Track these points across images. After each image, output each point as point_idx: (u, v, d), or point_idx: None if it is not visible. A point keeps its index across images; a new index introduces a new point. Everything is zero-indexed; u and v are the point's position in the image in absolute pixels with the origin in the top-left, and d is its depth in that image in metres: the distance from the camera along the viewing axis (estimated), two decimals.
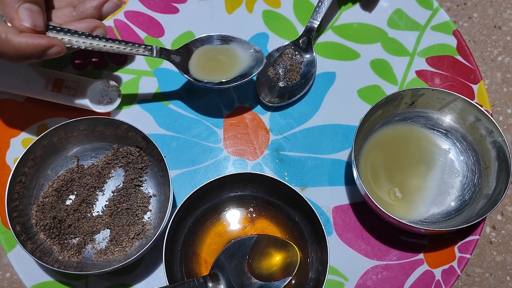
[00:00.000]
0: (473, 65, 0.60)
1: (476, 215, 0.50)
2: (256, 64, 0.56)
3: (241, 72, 0.56)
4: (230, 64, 0.56)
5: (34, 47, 0.43)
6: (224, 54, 0.57)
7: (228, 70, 0.56)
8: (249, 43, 0.56)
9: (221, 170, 0.57)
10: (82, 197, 0.53)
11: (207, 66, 0.56)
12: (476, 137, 0.54)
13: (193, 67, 0.56)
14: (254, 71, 0.55)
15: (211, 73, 0.56)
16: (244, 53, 0.57)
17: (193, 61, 0.56)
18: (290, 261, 0.50)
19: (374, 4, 0.64)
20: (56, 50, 0.45)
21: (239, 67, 0.56)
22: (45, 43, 0.44)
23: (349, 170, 0.57)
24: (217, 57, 0.56)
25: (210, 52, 0.57)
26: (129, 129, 0.52)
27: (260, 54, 0.56)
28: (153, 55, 0.53)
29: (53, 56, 0.45)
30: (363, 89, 0.60)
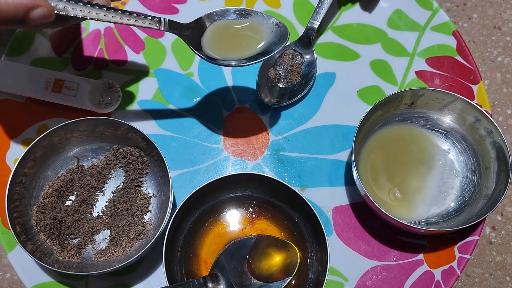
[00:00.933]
0: (472, 65, 0.60)
1: (475, 215, 0.50)
2: (278, 40, 0.49)
3: (261, 50, 0.50)
4: (248, 41, 0.50)
5: (15, 6, 0.38)
6: (242, 29, 0.50)
7: (247, 47, 0.50)
8: (270, 17, 0.50)
9: (221, 170, 0.57)
10: (82, 197, 0.53)
11: (222, 42, 0.50)
12: (475, 138, 0.54)
13: (206, 44, 0.50)
14: (275, 48, 0.49)
15: (227, 51, 0.50)
16: (264, 28, 0.50)
17: (207, 37, 0.50)
18: (290, 261, 0.50)
19: (374, 4, 0.64)
20: (42, 11, 0.39)
21: (259, 44, 0.50)
22: (29, 2, 0.38)
23: (349, 170, 0.57)
24: (234, 32, 0.50)
25: (226, 28, 0.50)
26: (129, 129, 0.52)
27: (284, 29, 0.49)
28: (161, 28, 0.47)
29: (38, 20, 0.39)
30: (363, 90, 0.60)
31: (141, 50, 0.61)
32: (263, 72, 0.59)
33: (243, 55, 0.50)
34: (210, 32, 0.50)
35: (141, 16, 0.45)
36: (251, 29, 0.50)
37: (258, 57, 0.49)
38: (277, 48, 0.49)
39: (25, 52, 0.60)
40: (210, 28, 0.50)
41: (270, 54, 0.49)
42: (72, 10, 0.42)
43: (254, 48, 0.50)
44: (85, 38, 0.61)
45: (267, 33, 0.50)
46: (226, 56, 0.49)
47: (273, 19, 0.50)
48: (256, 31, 0.50)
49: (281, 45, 0.49)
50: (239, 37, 0.50)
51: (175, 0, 0.64)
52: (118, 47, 0.61)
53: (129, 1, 0.63)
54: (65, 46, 0.61)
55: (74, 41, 0.61)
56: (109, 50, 0.61)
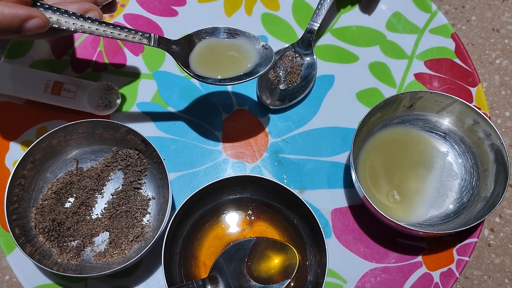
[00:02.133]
0: (471, 68, 0.60)
1: (474, 217, 0.50)
2: (264, 62, 0.50)
3: (247, 70, 0.51)
4: (235, 61, 0.51)
5: (10, 17, 0.39)
6: (229, 49, 0.51)
7: (233, 67, 0.51)
8: (258, 38, 0.51)
9: (220, 172, 0.57)
10: (81, 199, 0.53)
11: (210, 61, 0.51)
12: (474, 140, 0.54)
13: (194, 61, 0.51)
14: (261, 69, 0.50)
15: (214, 69, 0.51)
16: (251, 49, 0.51)
17: (195, 54, 0.51)
18: (289, 263, 0.50)
19: (372, 7, 0.64)
20: (37, 22, 0.40)
21: (245, 64, 0.51)
22: (24, 13, 0.39)
23: (347, 172, 0.57)
24: (222, 52, 0.51)
25: (215, 46, 0.51)
26: (128, 131, 0.52)
27: (269, 51, 0.51)
28: (150, 44, 0.48)
29: (33, 30, 0.40)
30: (362, 92, 0.60)
31: (140, 52, 0.61)
32: (263, 74, 0.59)
33: (229, 74, 0.51)
34: (199, 50, 0.51)
35: (132, 31, 0.47)
36: (239, 49, 0.51)
37: (244, 77, 0.50)
38: (262, 69, 0.50)
39: (24, 54, 0.60)
40: (198, 46, 0.51)
41: (255, 75, 0.50)
42: (65, 23, 0.43)
43: (240, 68, 0.51)
44: (84, 40, 0.61)
45: (253, 54, 0.51)
46: (212, 74, 0.50)
47: (261, 41, 0.51)
48: (244, 51, 0.51)
49: (266, 66, 0.50)
50: (226, 57, 0.51)
51: (174, 2, 0.64)
52: (117, 50, 0.61)
53: (128, 4, 0.63)
54: (64, 48, 0.61)
55: (73, 44, 0.61)
56: (108, 52, 0.61)
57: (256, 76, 0.50)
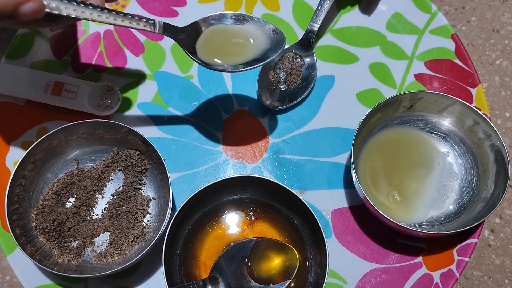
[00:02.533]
0: (471, 68, 0.61)
1: (474, 218, 0.51)
2: (274, 47, 0.49)
3: (256, 56, 0.49)
4: (244, 46, 0.49)
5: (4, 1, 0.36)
6: (237, 35, 0.50)
7: (242, 53, 0.49)
8: (267, 23, 0.49)
9: (221, 173, 0.57)
10: (82, 200, 0.53)
11: (218, 47, 0.49)
12: (474, 141, 0.54)
13: (201, 48, 0.49)
14: (271, 55, 0.48)
15: (222, 56, 0.49)
16: (260, 34, 0.50)
17: (202, 41, 0.49)
18: (289, 264, 0.50)
19: (373, 7, 0.64)
20: (32, 6, 0.37)
21: (255, 50, 0.49)
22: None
23: (348, 173, 0.57)
24: (230, 38, 0.50)
25: (222, 32, 0.50)
26: (129, 132, 0.52)
27: (280, 35, 0.49)
28: (155, 30, 0.46)
29: (29, 15, 0.38)
30: (362, 93, 0.61)
31: (141, 53, 0.61)
32: (264, 75, 0.59)
33: (238, 61, 0.49)
34: (206, 37, 0.49)
35: (136, 18, 0.45)
36: (248, 34, 0.50)
37: (254, 63, 0.48)
38: (273, 54, 0.48)
39: (25, 55, 0.60)
40: (205, 33, 0.49)
41: (266, 60, 0.48)
42: (65, 9, 0.41)
43: (250, 54, 0.49)
44: (84, 41, 0.61)
45: (263, 39, 0.50)
46: (221, 61, 0.49)
47: (270, 25, 0.49)
48: (252, 36, 0.50)
49: (277, 51, 0.48)
50: (235, 43, 0.50)
51: (175, 3, 0.64)
52: (117, 50, 0.61)
53: (128, 4, 0.63)
54: (64, 49, 0.61)
55: (73, 44, 0.61)
56: (108, 53, 0.61)
57: (267, 62, 0.48)
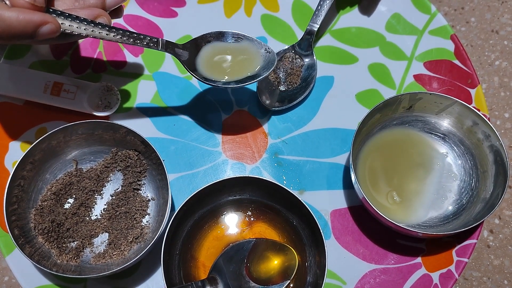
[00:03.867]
0: (470, 69, 0.61)
1: (473, 219, 0.51)
2: (267, 65, 0.53)
3: (252, 73, 0.53)
4: (240, 64, 0.53)
5: (25, 22, 0.39)
6: (235, 53, 0.53)
7: (238, 70, 0.53)
8: (261, 43, 0.53)
9: (220, 173, 0.57)
10: (81, 200, 0.53)
11: (215, 64, 0.53)
12: (473, 141, 0.54)
13: (200, 65, 0.52)
14: (264, 73, 0.52)
15: (220, 72, 0.53)
16: (255, 52, 0.53)
17: (201, 58, 0.53)
18: (288, 264, 0.50)
19: (372, 8, 0.64)
20: (50, 28, 0.41)
21: (249, 67, 0.53)
22: (38, 19, 0.40)
23: (347, 174, 0.57)
24: (227, 55, 0.53)
25: (220, 50, 0.53)
26: (128, 132, 0.52)
27: (272, 55, 0.53)
28: (158, 49, 0.49)
29: (46, 35, 0.41)
30: (361, 93, 0.61)
31: (140, 53, 0.61)
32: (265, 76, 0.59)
33: (234, 77, 0.53)
34: (205, 53, 0.53)
35: (141, 36, 0.48)
36: (244, 52, 0.53)
37: (248, 80, 0.52)
38: (265, 72, 0.52)
39: (24, 55, 0.60)
40: (204, 49, 0.53)
41: (258, 78, 0.52)
42: (77, 28, 0.44)
43: (246, 71, 0.53)
44: (84, 41, 0.61)
45: (257, 58, 0.53)
46: (218, 77, 0.52)
47: (263, 45, 0.53)
48: (248, 55, 0.53)
49: (269, 70, 0.52)
50: (232, 60, 0.53)
51: (174, 4, 0.64)
52: (116, 50, 0.61)
53: (128, 5, 0.63)
54: (64, 49, 0.61)
55: (73, 45, 0.61)
56: (108, 53, 0.61)
57: (260, 79, 0.52)
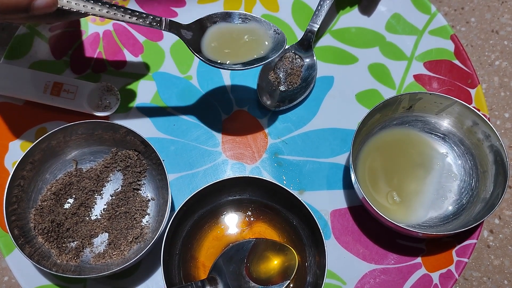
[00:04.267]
0: (470, 69, 0.61)
1: (473, 219, 0.51)
2: (275, 47, 0.51)
3: (259, 55, 0.51)
4: (248, 46, 0.51)
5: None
6: (242, 34, 0.51)
7: (245, 52, 0.51)
8: (269, 24, 0.51)
9: (220, 174, 0.57)
10: (81, 200, 0.53)
11: (222, 46, 0.51)
12: (473, 141, 0.54)
13: (206, 46, 0.50)
14: (273, 54, 0.50)
15: (226, 54, 0.50)
16: (263, 34, 0.51)
17: (207, 39, 0.50)
18: (288, 264, 0.50)
19: (372, 8, 0.64)
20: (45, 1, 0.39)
21: (257, 49, 0.51)
22: None
23: (347, 174, 0.57)
24: (234, 36, 0.51)
25: (226, 31, 0.51)
26: (128, 132, 0.52)
27: (281, 36, 0.51)
28: (162, 28, 0.47)
29: (42, 9, 0.39)
30: (361, 93, 0.61)
31: (140, 53, 0.61)
32: (264, 75, 0.59)
33: (241, 59, 0.50)
34: (210, 35, 0.51)
35: (143, 15, 0.46)
36: (251, 34, 0.51)
37: (256, 62, 0.50)
38: (274, 54, 0.50)
39: (24, 55, 0.60)
40: (210, 31, 0.51)
41: (267, 60, 0.50)
42: (75, 5, 0.42)
43: (253, 53, 0.51)
44: (84, 41, 0.61)
45: (266, 39, 0.51)
46: (224, 59, 0.50)
47: (272, 25, 0.51)
48: (256, 36, 0.51)
49: (278, 51, 0.50)
50: (239, 42, 0.51)
51: (174, 4, 0.64)
52: (117, 51, 0.61)
53: (128, 5, 0.63)
54: (64, 49, 0.61)
55: (73, 45, 0.61)
56: (108, 53, 0.61)
57: (269, 61, 0.50)
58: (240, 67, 0.50)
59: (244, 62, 0.50)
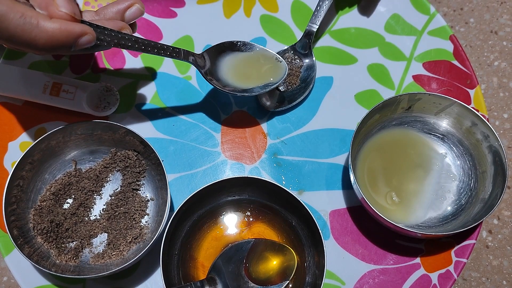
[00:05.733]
0: (469, 70, 0.61)
1: (472, 219, 0.51)
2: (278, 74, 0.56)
3: (265, 81, 0.55)
4: (254, 73, 0.56)
5: (67, 33, 0.40)
6: (249, 62, 0.56)
7: (253, 79, 0.56)
8: (272, 53, 0.56)
9: (219, 174, 0.57)
10: (80, 201, 0.53)
11: (232, 73, 0.55)
12: (472, 142, 0.55)
13: (217, 73, 0.55)
14: (277, 80, 0.55)
15: (236, 81, 0.55)
16: (267, 62, 0.56)
17: (218, 67, 0.55)
18: (287, 265, 0.50)
19: (371, 9, 0.64)
20: (88, 38, 0.42)
21: (263, 76, 0.56)
22: (79, 29, 0.41)
23: (346, 174, 0.57)
24: (242, 65, 0.56)
25: (235, 59, 0.56)
26: (127, 133, 0.52)
27: (283, 64, 0.56)
28: (181, 58, 0.51)
29: (84, 45, 0.42)
30: (360, 94, 0.61)
31: (139, 53, 0.61)
32: None
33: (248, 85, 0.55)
34: (222, 63, 0.55)
35: (164, 47, 0.50)
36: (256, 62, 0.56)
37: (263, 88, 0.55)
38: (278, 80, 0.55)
39: (23, 55, 0.60)
40: (221, 59, 0.55)
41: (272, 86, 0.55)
42: (108, 39, 0.45)
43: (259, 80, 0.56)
44: None
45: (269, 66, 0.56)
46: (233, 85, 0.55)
47: (274, 54, 0.56)
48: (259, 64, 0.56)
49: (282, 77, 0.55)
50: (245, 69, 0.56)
51: (173, 4, 0.64)
52: (116, 51, 0.61)
53: None
54: None
55: None
56: (107, 54, 0.61)
57: (273, 87, 0.55)
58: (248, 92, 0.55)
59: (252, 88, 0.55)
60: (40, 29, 0.39)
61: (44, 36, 0.39)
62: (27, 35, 0.39)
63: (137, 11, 0.49)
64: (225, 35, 0.62)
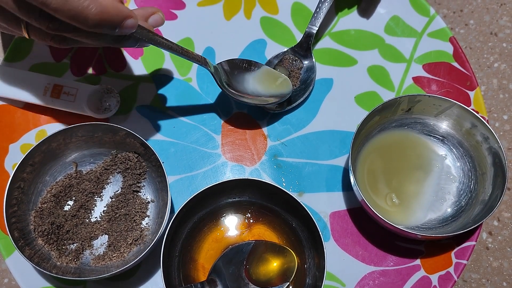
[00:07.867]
0: (469, 71, 0.61)
1: (472, 221, 0.51)
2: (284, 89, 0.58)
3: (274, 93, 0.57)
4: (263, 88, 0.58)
5: (118, 11, 0.40)
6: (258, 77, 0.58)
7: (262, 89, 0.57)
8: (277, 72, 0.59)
9: (219, 176, 0.57)
10: (80, 202, 0.53)
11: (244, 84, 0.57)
12: (472, 143, 0.55)
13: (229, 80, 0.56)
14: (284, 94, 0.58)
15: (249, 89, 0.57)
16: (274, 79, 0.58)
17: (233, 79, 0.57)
18: (287, 266, 0.50)
19: (371, 10, 0.64)
20: (133, 22, 0.42)
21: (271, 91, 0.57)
22: (128, 11, 0.42)
23: (346, 176, 0.57)
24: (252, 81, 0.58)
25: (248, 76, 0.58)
26: (128, 135, 0.52)
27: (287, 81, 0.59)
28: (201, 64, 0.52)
29: (128, 29, 0.42)
30: (360, 95, 0.61)
31: (140, 55, 0.62)
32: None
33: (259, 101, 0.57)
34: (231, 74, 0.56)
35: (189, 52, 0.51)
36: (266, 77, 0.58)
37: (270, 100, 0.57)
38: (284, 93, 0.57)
39: (24, 57, 0.60)
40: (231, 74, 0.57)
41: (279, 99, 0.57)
42: (141, 31, 0.45)
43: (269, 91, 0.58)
44: None
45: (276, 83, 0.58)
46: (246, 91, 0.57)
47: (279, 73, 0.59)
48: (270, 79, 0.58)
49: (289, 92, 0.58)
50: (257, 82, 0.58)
51: (174, 6, 0.64)
52: (117, 53, 0.61)
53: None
54: (64, 51, 0.61)
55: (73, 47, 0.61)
56: (108, 55, 0.61)
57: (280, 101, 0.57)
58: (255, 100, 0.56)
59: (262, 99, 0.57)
60: (96, 2, 0.39)
61: (98, 7, 0.39)
62: (81, 1, 0.38)
63: (159, 19, 0.50)
64: (226, 37, 0.62)
